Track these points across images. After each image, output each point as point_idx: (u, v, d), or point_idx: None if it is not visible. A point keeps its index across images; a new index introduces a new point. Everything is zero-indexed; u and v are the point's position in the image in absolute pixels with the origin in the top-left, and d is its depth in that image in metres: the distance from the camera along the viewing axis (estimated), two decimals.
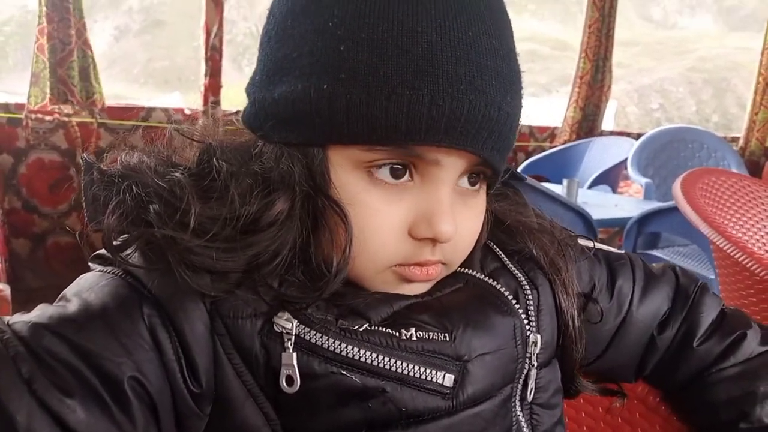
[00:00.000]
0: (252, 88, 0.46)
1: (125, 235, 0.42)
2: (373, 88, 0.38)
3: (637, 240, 2.28)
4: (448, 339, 0.44)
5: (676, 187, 1.08)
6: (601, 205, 2.59)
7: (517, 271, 0.51)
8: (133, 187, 0.42)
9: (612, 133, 4.38)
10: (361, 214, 0.42)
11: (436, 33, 0.38)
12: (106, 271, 0.43)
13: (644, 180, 2.91)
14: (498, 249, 0.53)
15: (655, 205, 2.43)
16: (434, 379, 0.43)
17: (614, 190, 3.45)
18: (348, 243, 0.41)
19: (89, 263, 0.45)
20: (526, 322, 0.49)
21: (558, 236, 0.55)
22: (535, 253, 0.52)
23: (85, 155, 0.46)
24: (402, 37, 0.38)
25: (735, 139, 4.83)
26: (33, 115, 2.61)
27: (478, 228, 0.48)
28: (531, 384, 0.49)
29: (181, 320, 0.40)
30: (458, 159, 0.42)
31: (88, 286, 0.42)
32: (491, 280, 0.50)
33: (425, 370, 0.43)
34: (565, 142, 4.02)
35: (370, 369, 0.42)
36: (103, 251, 0.44)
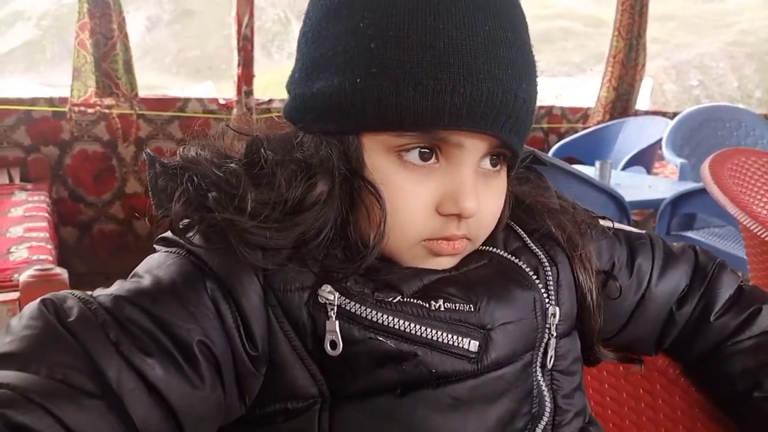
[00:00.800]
0: (292, 85, 0.51)
1: (187, 220, 0.48)
2: (401, 80, 0.43)
3: (671, 221, 2.26)
4: (473, 309, 0.48)
5: (705, 168, 1.09)
6: (634, 186, 2.57)
7: (537, 250, 0.55)
8: (194, 177, 0.47)
9: (647, 113, 4.30)
10: (393, 193, 0.46)
11: (456, 29, 0.43)
12: (171, 252, 0.48)
13: (679, 160, 2.86)
14: (520, 229, 0.57)
15: (689, 185, 2.40)
16: (461, 345, 0.47)
17: (649, 171, 3.40)
18: (382, 219, 0.46)
19: (154, 245, 0.51)
20: (545, 295, 0.53)
21: (579, 217, 0.59)
22: (553, 230, 0.56)
23: (147, 150, 0.51)
24: (426, 34, 0.42)
25: None
26: (76, 108, 2.71)
27: (500, 207, 0.52)
28: (551, 352, 0.53)
29: (238, 293, 0.46)
30: (479, 141, 0.46)
31: (157, 265, 0.47)
32: (513, 257, 0.54)
33: (453, 337, 0.47)
34: (598, 123, 3.96)
35: (403, 335, 0.46)
36: (166, 234, 0.50)
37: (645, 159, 3.35)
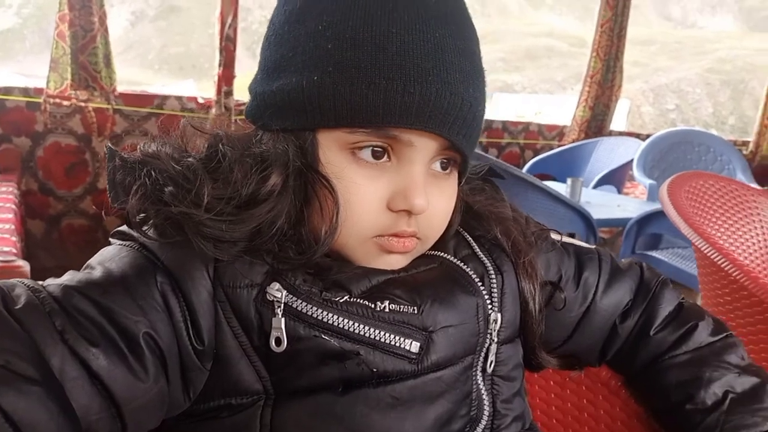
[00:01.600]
0: (254, 86, 0.53)
1: (143, 214, 0.48)
2: (355, 78, 0.45)
3: (636, 240, 2.31)
4: (416, 312, 0.50)
5: (663, 189, 1.12)
6: (603, 204, 2.62)
7: (484, 258, 0.57)
8: (152, 172, 0.49)
9: (621, 134, 4.39)
10: (346, 188, 0.48)
11: (408, 34, 0.46)
12: (125, 245, 0.49)
13: (649, 181, 2.93)
14: (469, 237, 0.59)
15: (656, 206, 2.46)
16: (402, 346, 0.49)
17: (619, 191, 3.47)
18: (335, 213, 0.48)
19: (110, 238, 0.51)
20: (488, 301, 0.55)
21: (530, 228, 0.61)
22: (498, 236, 0.58)
23: (108, 144, 0.51)
24: (379, 37, 0.45)
25: (747, 143, 4.82)
26: (51, 100, 2.68)
27: (449, 208, 0.54)
28: (491, 357, 0.55)
29: (188, 287, 0.47)
30: (429, 140, 0.48)
31: (110, 257, 0.48)
32: (462, 263, 0.56)
33: (395, 338, 0.49)
34: (573, 141, 4.04)
35: (347, 334, 0.48)
36: (122, 228, 0.51)
37: (616, 179, 3.42)
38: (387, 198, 0.49)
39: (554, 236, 0.65)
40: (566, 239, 0.66)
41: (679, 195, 1.08)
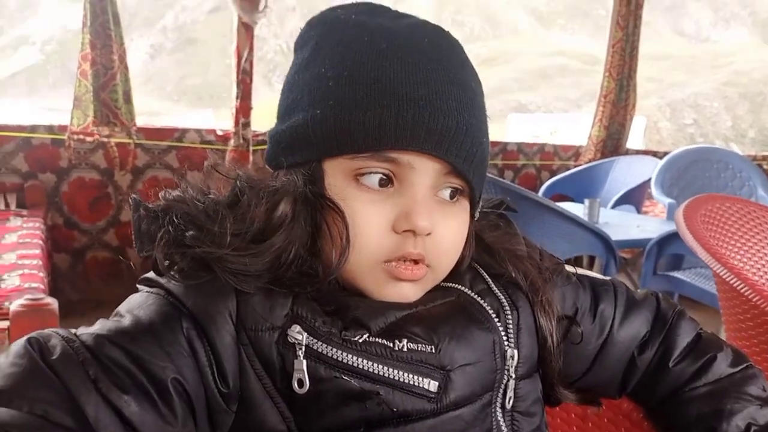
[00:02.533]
0: (270, 132, 0.57)
1: (168, 260, 0.50)
2: (353, 108, 0.49)
3: (657, 261, 2.29)
4: (434, 351, 0.51)
5: (678, 213, 1.12)
6: (623, 225, 2.60)
7: (500, 293, 0.58)
8: (174, 218, 0.51)
9: (637, 152, 4.37)
10: (352, 211, 0.50)
11: (400, 66, 0.49)
12: (151, 292, 0.51)
13: (668, 200, 2.90)
14: (484, 273, 0.60)
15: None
16: (421, 385, 0.50)
17: (638, 210, 3.44)
18: (344, 236, 0.50)
19: (137, 285, 0.53)
20: (504, 338, 0.56)
21: (544, 263, 0.62)
22: (514, 275, 0.59)
23: (133, 195, 0.54)
24: (373, 71, 0.49)
25: (767, 158, 4.77)
26: (75, 136, 2.76)
27: (458, 236, 0.55)
28: (509, 393, 0.55)
29: (212, 332, 0.49)
30: (428, 162, 0.50)
31: (137, 305, 0.50)
32: (478, 297, 0.57)
33: (413, 377, 0.50)
34: (589, 161, 4.03)
35: (366, 375, 0.49)
36: (149, 275, 0.53)
37: (635, 198, 3.40)
38: (392, 220, 0.51)
39: (569, 269, 0.65)
40: (581, 271, 0.66)
41: (695, 219, 1.07)
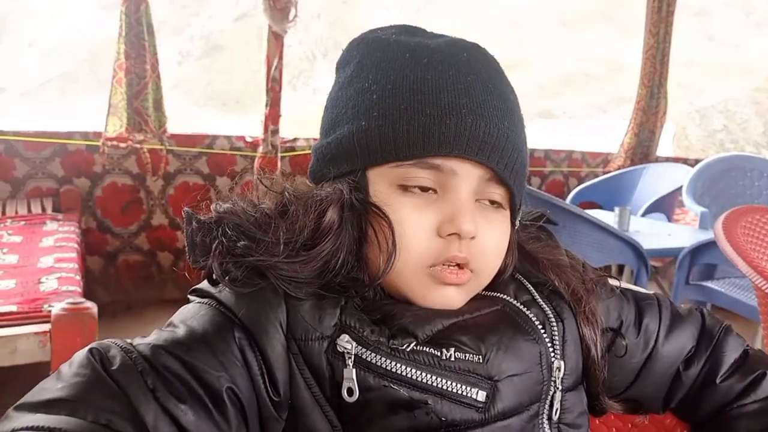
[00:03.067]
0: (314, 146, 0.59)
1: (223, 269, 0.52)
2: (397, 118, 0.51)
3: (690, 270, 2.25)
4: (481, 361, 0.51)
5: (718, 225, 1.09)
6: (654, 234, 2.57)
7: (545, 305, 0.58)
8: (227, 230, 0.53)
9: (668, 159, 4.31)
10: (397, 217, 0.52)
11: (441, 78, 0.52)
12: (203, 303, 0.52)
13: (700, 209, 2.85)
14: (528, 284, 0.60)
15: (709, 235, 2.39)
16: (469, 395, 0.50)
17: (669, 218, 3.39)
18: (391, 241, 0.51)
19: (188, 295, 0.55)
20: (551, 349, 0.56)
21: (587, 275, 0.62)
22: (557, 284, 0.59)
23: (186, 208, 0.55)
24: (416, 83, 0.52)
25: None
26: (109, 143, 2.82)
27: (500, 242, 0.56)
28: (556, 405, 0.55)
29: (264, 342, 0.50)
30: (471, 168, 0.52)
31: (191, 315, 0.51)
32: (524, 308, 0.57)
33: (461, 387, 0.50)
34: (619, 168, 3.98)
35: (415, 384, 0.50)
36: (200, 286, 0.54)
37: (665, 206, 3.35)
38: (436, 225, 0.52)
39: (613, 282, 0.65)
40: (625, 285, 0.66)
41: (735, 231, 1.05)
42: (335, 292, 0.52)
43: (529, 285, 0.60)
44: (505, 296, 0.58)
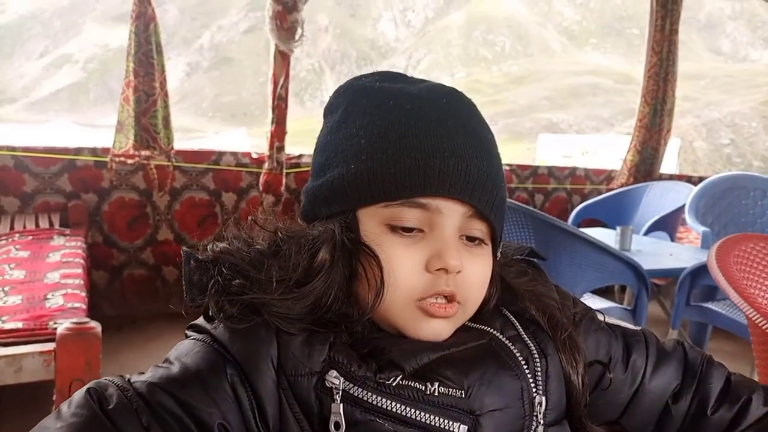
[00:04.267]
0: (306, 188, 0.62)
1: (218, 306, 0.54)
2: (384, 161, 0.54)
3: (690, 292, 2.25)
4: (464, 396, 0.53)
5: (711, 254, 1.11)
6: (655, 253, 2.57)
7: (529, 341, 0.60)
8: (223, 269, 0.55)
9: (671, 177, 4.32)
10: (387, 256, 0.54)
11: (423, 123, 0.55)
12: (198, 340, 0.54)
13: (702, 228, 2.86)
14: (513, 319, 0.62)
15: None
16: (451, 429, 0.52)
17: (672, 237, 3.39)
18: (379, 278, 0.53)
19: (186, 332, 0.57)
20: (533, 385, 0.57)
21: (577, 308, 0.65)
22: (534, 312, 0.62)
23: (185, 248, 0.58)
24: (402, 128, 0.55)
25: None
26: (117, 159, 2.86)
27: (484, 275, 0.58)
28: None
29: (255, 378, 0.52)
30: (455, 206, 0.55)
31: (185, 352, 0.54)
32: (509, 343, 0.59)
33: (444, 421, 0.52)
34: (622, 185, 3.99)
35: (400, 418, 0.52)
36: (197, 322, 0.56)
37: (668, 224, 3.35)
38: (424, 261, 0.54)
39: (599, 317, 0.67)
40: (611, 321, 0.68)
41: (728, 261, 1.07)
42: (326, 327, 0.54)
43: (516, 321, 0.62)
44: (491, 330, 0.60)
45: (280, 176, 3.03)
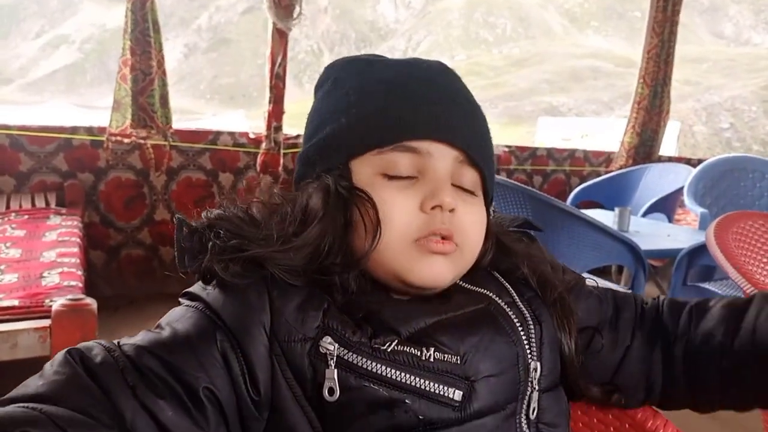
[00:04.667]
0: (299, 155, 0.63)
1: (222, 264, 0.54)
2: (375, 111, 0.57)
3: (687, 272, 2.26)
4: (459, 361, 0.53)
5: (710, 231, 1.10)
6: (653, 234, 2.57)
7: (523, 308, 0.60)
8: (220, 231, 0.55)
9: (671, 159, 4.30)
10: (381, 200, 0.55)
11: (412, 79, 0.58)
12: (190, 306, 0.54)
13: (700, 210, 2.86)
14: (509, 286, 0.62)
15: None
16: (446, 394, 0.52)
17: (670, 219, 3.39)
18: (376, 221, 0.54)
19: (179, 299, 0.57)
20: (528, 351, 0.58)
21: (567, 276, 0.66)
22: (525, 271, 0.62)
23: (178, 215, 0.57)
24: (389, 83, 0.58)
25: None
26: (113, 138, 2.84)
27: (478, 222, 0.60)
28: (533, 404, 0.57)
29: (246, 343, 0.52)
30: (445, 149, 0.57)
31: (177, 318, 0.53)
32: (508, 308, 0.59)
33: (439, 386, 0.52)
34: (621, 168, 3.98)
35: (394, 383, 0.52)
36: (191, 289, 0.56)
37: (666, 206, 3.35)
38: (418, 202, 0.56)
39: (591, 282, 0.68)
40: (603, 283, 0.68)
41: (727, 237, 1.06)
42: (327, 286, 0.55)
43: (510, 287, 0.62)
44: (489, 294, 0.60)
45: (278, 156, 3.01)
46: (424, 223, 0.55)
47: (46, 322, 1.32)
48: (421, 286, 0.56)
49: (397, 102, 0.56)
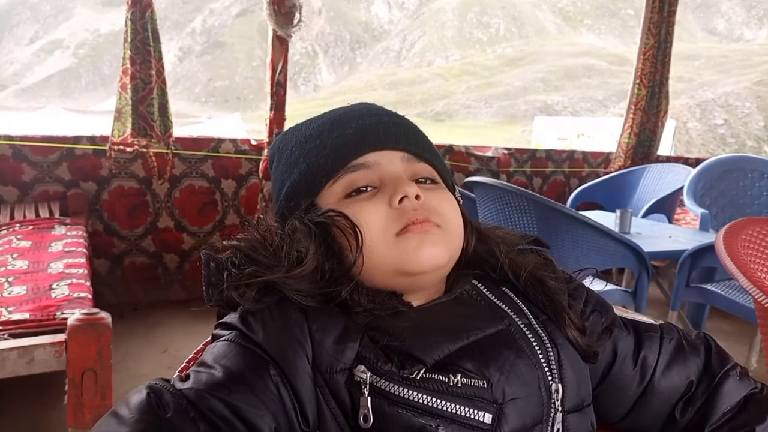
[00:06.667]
0: (275, 214, 0.68)
1: (239, 291, 0.57)
2: (314, 154, 0.63)
3: (690, 273, 2.27)
4: (485, 386, 0.54)
5: (719, 239, 1.11)
6: (654, 236, 2.59)
7: (541, 331, 0.61)
8: (235, 260, 0.58)
9: (669, 159, 4.33)
10: (352, 212, 0.59)
11: (345, 112, 0.66)
12: (231, 341, 0.56)
13: (700, 210, 2.88)
14: (527, 310, 0.63)
15: (709, 237, 2.41)
16: (476, 417, 0.53)
17: (670, 219, 3.41)
18: (358, 230, 0.58)
19: (214, 331, 0.58)
20: (548, 373, 0.59)
21: (591, 300, 0.66)
22: (498, 254, 0.65)
23: (204, 250, 0.59)
24: (320, 127, 0.65)
25: None
26: (116, 147, 2.85)
27: (449, 202, 0.64)
28: (557, 425, 0.58)
29: (294, 377, 0.53)
30: (390, 153, 0.63)
31: (223, 355, 0.55)
32: (527, 331, 0.60)
33: (470, 410, 0.53)
34: (619, 168, 4.00)
35: (426, 409, 0.53)
36: (226, 319, 0.58)
37: (666, 206, 3.37)
38: (386, 202, 0.60)
39: (616, 311, 0.67)
40: (626, 315, 0.69)
41: (736, 245, 1.07)
42: (341, 306, 0.57)
43: (527, 311, 0.63)
44: (508, 310, 0.61)
45: None
46: (398, 216, 0.59)
47: (61, 337, 1.32)
48: (422, 271, 0.59)
49: (330, 135, 0.63)
